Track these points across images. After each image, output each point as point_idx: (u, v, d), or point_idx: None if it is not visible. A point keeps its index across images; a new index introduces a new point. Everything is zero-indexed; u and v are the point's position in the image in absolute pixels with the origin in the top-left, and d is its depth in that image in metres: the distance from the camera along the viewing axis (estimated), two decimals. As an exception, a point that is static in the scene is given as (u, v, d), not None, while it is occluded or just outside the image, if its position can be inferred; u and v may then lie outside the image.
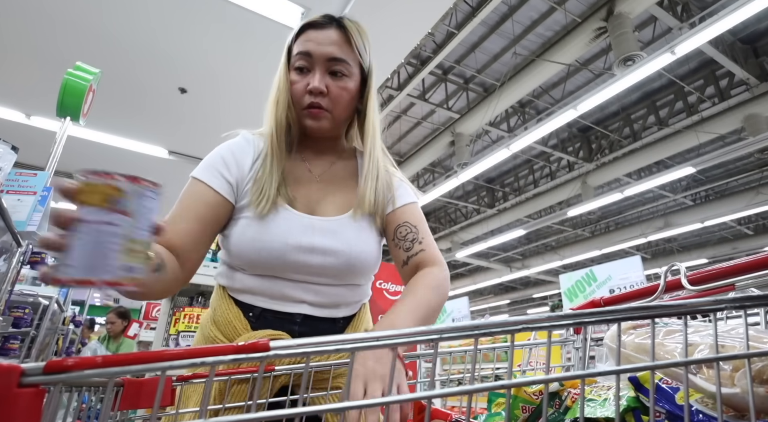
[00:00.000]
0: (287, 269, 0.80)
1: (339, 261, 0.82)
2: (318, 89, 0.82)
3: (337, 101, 0.85)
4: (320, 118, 0.85)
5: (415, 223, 0.88)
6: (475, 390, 0.31)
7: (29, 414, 0.21)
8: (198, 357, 0.26)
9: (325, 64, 0.84)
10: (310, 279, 0.82)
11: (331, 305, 0.84)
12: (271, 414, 0.29)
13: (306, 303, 0.82)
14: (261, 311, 0.81)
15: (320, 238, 0.81)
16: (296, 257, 0.80)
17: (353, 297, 0.88)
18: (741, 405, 0.35)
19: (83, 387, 0.36)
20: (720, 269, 0.59)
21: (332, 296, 0.84)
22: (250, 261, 0.80)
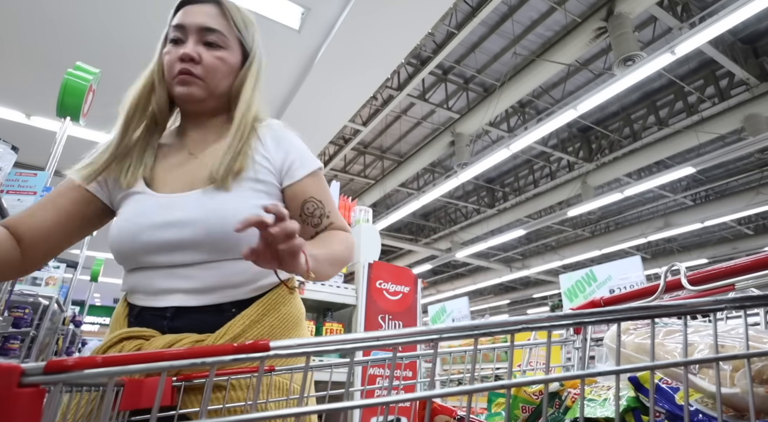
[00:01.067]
0: (145, 251, 0.75)
1: (196, 230, 0.74)
2: (188, 55, 0.81)
3: (210, 70, 0.83)
4: (189, 84, 0.82)
5: (320, 197, 0.85)
6: (475, 390, 0.31)
7: (29, 414, 0.21)
8: (198, 357, 0.26)
9: (198, 33, 0.83)
10: (175, 261, 0.75)
11: (208, 290, 0.75)
12: (272, 414, 0.29)
13: (180, 292, 0.74)
14: (140, 310, 0.77)
15: (177, 212, 0.76)
16: (149, 235, 0.75)
17: (239, 277, 0.76)
18: (741, 405, 0.35)
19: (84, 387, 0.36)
20: (720, 269, 0.59)
21: (207, 278, 0.75)
22: (114, 253, 0.79)
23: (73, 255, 5.22)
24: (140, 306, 0.77)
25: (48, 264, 3.79)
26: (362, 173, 10.25)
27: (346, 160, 10.03)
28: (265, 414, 0.29)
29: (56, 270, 3.85)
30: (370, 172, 10.27)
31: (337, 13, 3.26)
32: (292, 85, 3.95)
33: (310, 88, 3.81)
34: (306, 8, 3.23)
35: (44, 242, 0.78)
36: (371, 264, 2.36)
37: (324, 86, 3.82)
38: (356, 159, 10.09)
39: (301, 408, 0.29)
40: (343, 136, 8.75)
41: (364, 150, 9.76)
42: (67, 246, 0.83)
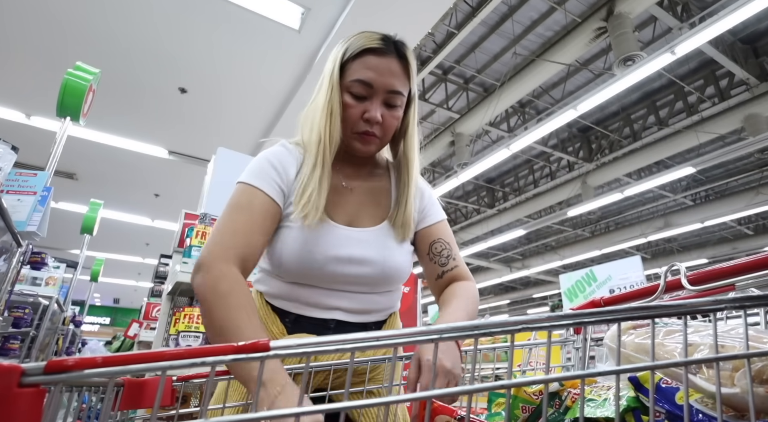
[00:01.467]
0: (326, 279, 0.83)
1: (374, 270, 0.84)
2: (377, 120, 0.84)
3: (388, 130, 0.88)
4: (371, 144, 0.88)
5: (448, 240, 0.93)
6: (475, 390, 0.31)
7: (30, 414, 0.21)
8: (198, 357, 0.26)
9: (384, 95, 0.85)
10: (345, 288, 0.84)
11: (363, 311, 0.87)
12: (272, 414, 0.29)
13: (340, 309, 0.84)
14: (296, 317, 0.83)
15: (357, 249, 0.84)
16: (335, 268, 0.82)
17: (384, 304, 0.90)
18: (741, 405, 0.35)
19: (84, 387, 0.36)
20: (720, 269, 0.59)
21: (365, 303, 0.86)
22: (292, 271, 0.82)
23: (73, 255, 5.22)
24: (296, 313, 0.83)
25: (48, 264, 3.79)
26: (362, 173, 10.24)
27: (346, 160, 10.02)
28: (265, 413, 0.29)
29: (56, 270, 3.85)
30: (370, 172, 10.25)
31: (337, 13, 3.26)
32: (292, 84, 3.94)
33: (310, 88, 3.81)
34: (306, 8, 3.23)
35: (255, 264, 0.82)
36: (371, 264, 2.36)
37: (324, 86, 3.81)
38: (356, 159, 10.07)
39: (301, 408, 0.29)
40: (343, 136, 8.74)
41: (364, 150, 9.76)
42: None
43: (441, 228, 0.95)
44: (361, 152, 0.89)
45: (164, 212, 8.06)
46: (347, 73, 0.86)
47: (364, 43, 0.85)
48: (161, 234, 8.96)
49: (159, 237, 9.26)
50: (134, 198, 7.47)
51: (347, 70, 0.86)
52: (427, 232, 0.94)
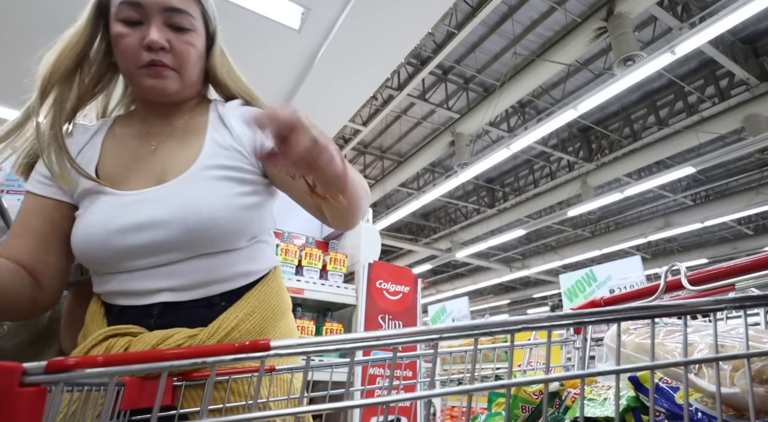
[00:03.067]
0: (121, 258, 0.69)
1: (173, 231, 0.68)
2: (158, 43, 0.69)
3: (183, 58, 0.73)
4: (165, 77, 0.72)
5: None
6: (475, 390, 0.31)
7: (31, 414, 0.21)
8: (199, 357, 0.26)
9: (161, 14, 0.71)
10: (156, 262, 0.70)
11: (196, 285, 0.71)
12: (271, 414, 0.29)
13: (165, 290, 0.70)
14: (120, 308, 0.71)
15: (146, 212, 0.69)
16: (122, 241, 0.68)
17: (226, 270, 0.72)
18: (740, 405, 0.35)
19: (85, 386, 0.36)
20: (720, 269, 0.59)
21: (192, 275, 0.70)
22: (84, 261, 0.73)
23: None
24: (120, 305, 0.72)
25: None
26: (362, 173, 10.25)
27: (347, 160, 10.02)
28: (265, 413, 0.29)
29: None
30: (370, 172, 10.27)
31: (337, 13, 3.26)
32: (291, 85, 3.94)
33: (310, 88, 3.81)
34: (306, 8, 3.23)
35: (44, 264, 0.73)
36: (371, 264, 2.36)
37: (324, 86, 3.82)
38: (356, 159, 10.09)
39: (301, 408, 0.29)
40: (344, 136, 8.75)
41: (364, 150, 9.77)
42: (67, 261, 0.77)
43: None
44: (156, 91, 0.73)
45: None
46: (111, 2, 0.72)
47: None
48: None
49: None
50: (134, 198, 7.47)
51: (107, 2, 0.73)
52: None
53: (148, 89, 0.74)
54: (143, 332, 0.68)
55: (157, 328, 0.69)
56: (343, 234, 2.59)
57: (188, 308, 0.71)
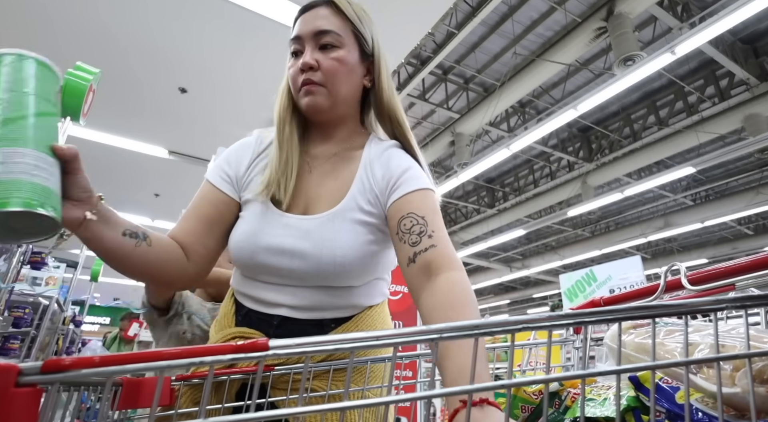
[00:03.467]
0: (259, 271, 0.77)
1: (308, 264, 0.74)
2: (307, 64, 0.78)
3: (331, 74, 0.79)
4: (314, 93, 0.79)
5: (422, 214, 0.70)
6: (475, 390, 0.31)
7: (27, 414, 0.21)
8: (196, 356, 0.26)
9: (313, 39, 0.79)
10: (285, 281, 0.76)
11: (312, 308, 0.77)
12: (272, 414, 0.29)
13: (285, 306, 0.76)
14: (247, 311, 0.79)
15: (291, 239, 0.75)
16: (265, 259, 0.75)
17: (343, 301, 0.78)
18: (741, 405, 0.35)
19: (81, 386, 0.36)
20: (720, 269, 0.59)
21: (312, 299, 0.76)
22: (236, 262, 0.80)
23: (73, 255, 5.22)
24: (248, 307, 0.79)
25: (48, 264, 3.79)
26: (362, 173, 10.24)
27: (346, 160, 10.02)
28: (265, 413, 0.29)
29: (56, 270, 3.85)
30: (370, 172, 10.25)
31: (337, 13, 3.26)
32: (292, 85, 3.94)
33: (310, 88, 3.81)
34: (306, 8, 3.23)
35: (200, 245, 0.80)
36: (371, 264, 2.36)
37: (324, 86, 3.81)
38: (356, 159, 10.08)
39: (301, 408, 0.29)
40: (343, 136, 8.75)
41: (364, 150, 9.76)
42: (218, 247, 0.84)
43: (415, 199, 0.72)
44: (309, 108, 0.80)
45: (164, 212, 8.05)
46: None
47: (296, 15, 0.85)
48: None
49: (159, 237, 9.26)
50: (134, 198, 7.47)
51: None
52: (397, 207, 0.73)
53: (305, 109, 0.81)
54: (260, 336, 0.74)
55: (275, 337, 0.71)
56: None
57: (302, 325, 0.76)
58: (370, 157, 0.82)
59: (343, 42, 0.80)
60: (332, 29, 0.80)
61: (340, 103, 0.82)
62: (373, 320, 0.81)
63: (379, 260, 0.80)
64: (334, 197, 0.79)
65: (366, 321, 0.79)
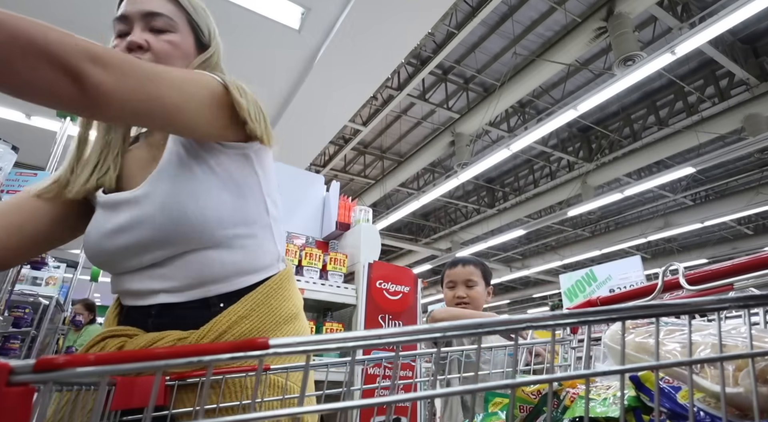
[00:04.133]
0: (116, 261, 0.72)
1: (150, 229, 0.68)
2: (135, 43, 0.74)
3: (162, 56, 0.75)
4: None
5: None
6: (477, 390, 0.30)
7: (18, 414, 0.20)
8: (194, 355, 0.25)
9: (142, 20, 0.76)
10: (144, 262, 0.70)
11: (191, 286, 0.70)
12: (271, 414, 0.29)
13: (162, 291, 0.70)
14: (128, 309, 0.74)
15: (125, 214, 0.70)
16: (109, 245, 0.71)
17: (219, 269, 0.71)
18: (744, 405, 0.35)
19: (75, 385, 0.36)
20: (719, 269, 0.59)
21: (185, 275, 0.70)
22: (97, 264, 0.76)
23: (74, 255, 5.22)
24: (128, 305, 0.74)
25: (48, 264, 3.79)
26: (362, 173, 10.25)
27: (347, 160, 10.03)
28: (265, 413, 0.28)
29: (56, 270, 3.85)
30: (370, 172, 10.26)
31: (337, 13, 3.25)
32: (292, 85, 3.94)
33: (310, 88, 3.81)
34: (306, 8, 3.23)
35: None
36: (371, 264, 2.36)
37: (324, 86, 3.81)
38: (356, 159, 10.08)
39: (301, 408, 0.29)
40: (343, 136, 8.75)
41: (364, 150, 9.76)
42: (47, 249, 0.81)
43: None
44: None
45: (164, 212, 8.06)
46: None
47: None
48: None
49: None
50: (134, 198, 7.48)
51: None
52: None
53: None
54: (139, 333, 0.69)
55: (155, 329, 0.69)
56: (343, 235, 2.59)
57: (184, 309, 0.70)
58: None
59: (176, 27, 0.78)
60: (164, 13, 0.77)
61: None
62: (268, 297, 0.73)
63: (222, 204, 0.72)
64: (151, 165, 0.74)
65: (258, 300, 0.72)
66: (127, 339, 0.69)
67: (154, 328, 0.70)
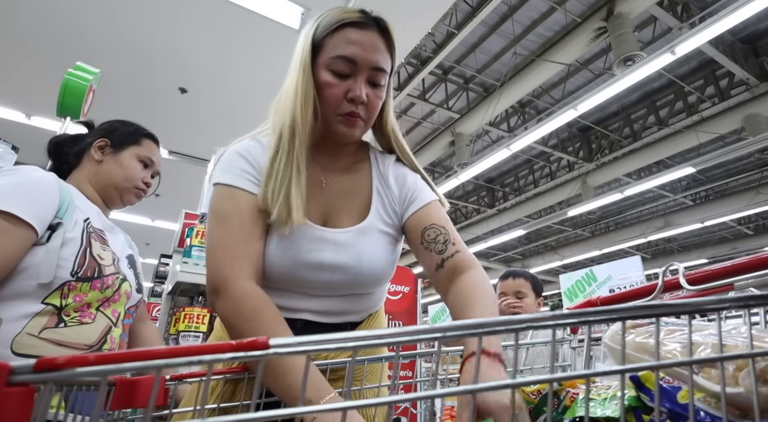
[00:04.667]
0: (297, 285, 0.76)
1: (347, 276, 0.76)
2: (361, 99, 0.76)
3: (372, 111, 0.80)
4: (356, 127, 0.79)
5: (442, 224, 0.81)
6: (478, 390, 0.30)
7: (18, 414, 0.20)
8: (195, 355, 0.25)
9: (368, 72, 0.77)
10: (316, 292, 0.77)
11: (334, 313, 0.79)
12: (272, 414, 0.29)
13: (307, 311, 0.77)
14: None
15: (330, 254, 0.76)
16: (305, 274, 0.75)
17: (360, 306, 0.82)
18: (744, 405, 0.35)
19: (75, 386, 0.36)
20: (719, 269, 0.59)
21: (337, 306, 0.79)
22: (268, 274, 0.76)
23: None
24: None
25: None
26: (362, 173, 10.25)
27: (346, 160, 10.03)
28: (265, 413, 0.28)
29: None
30: (370, 172, 10.26)
31: (336, 13, 3.26)
32: (291, 84, 3.94)
33: (310, 88, 3.81)
34: (306, 8, 3.23)
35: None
36: (371, 264, 2.36)
37: (324, 86, 3.81)
38: (356, 159, 10.08)
39: (301, 408, 0.29)
40: (343, 136, 8.75)
41: (364, 150, 9.76)
42: None
43: (432, 211, 0.82)
44: (345, 137, 0.80)
45: (164, 212, 8.05)
46: (324, 49, 0.77)
47: (342, 17, 0.77)
48: (161, 234, 8.95)
49: (159, 237, 9.26)
50: (134, 198, 7.47)
51: (324, 46, 0.77)
52: (417, 219, 0.81)
53: (340, 135, 0.80)
54: None
55: None
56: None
57: (324, 328, 0.79)
58: (380, 171, 0.87)
59: (386, 81, 0.81)
60: (386, 69, 0.79)
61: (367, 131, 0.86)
62: (380, 321, 0.88)
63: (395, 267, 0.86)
64: (358, 210, 0.82)
65: (375, 323, 0.86)
66: None
67: None
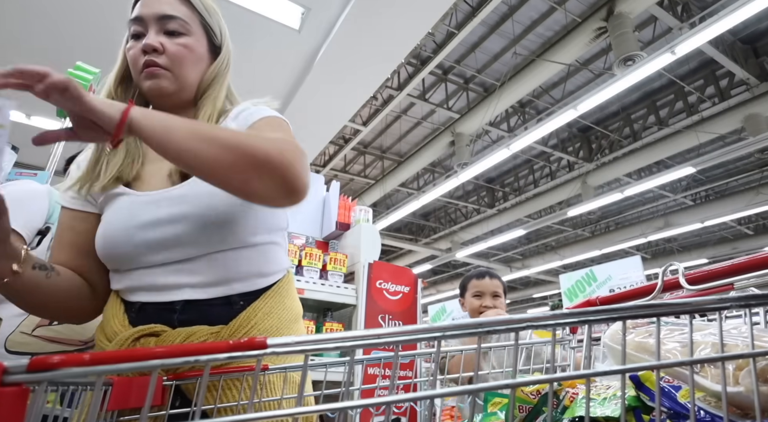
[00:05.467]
0: (141, 252, 0.72)
1: (190, 223, 0.71)
2: (150, 46, 0.76)
3: (177, 59, 0.78)
4: (157, 76, 0.77)
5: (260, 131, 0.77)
6: (477, 390, 0.30)
7: (12, 414, 0.20)
8: (192, 355, 0.25)
9: (157, 23, 0.78)
10: (174, 257, 0.72)
11: (216, 283, 0.73)
12: (270, 414, 0.28)
13: (187, 286, 0.72)
14: (141, 305, 0.73)
15: (165, 209, 0.73)
16: (142, 236, 0.72)
17: (245, 268, 0.75)
18: (745, 404, 0.35)
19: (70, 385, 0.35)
20: (719, 269, 0.58)
21: (213, 272, 0.73)
22: (106, 258, 0.76)
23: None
24: (141, 301, 0.73)
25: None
26: (362, 173, 10.25)
27: (346, 160, 10.03)
28: (264, 414, 0.28)
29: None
30: (370, 172, 10.26)
31: (337, 14, 3.25)
32: (291, 85, 3.94)
33: (310, 88, 3.80)
34: (306, 8, 3.23)
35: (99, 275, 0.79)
36: (371, 264, 2.36)
37: (324, 86, 3.81)
38: (356, 159, 10.08)
39: (302, 408, 0.29)
40: (343, 136, 8.75)
41: (364, 150, 9.76)
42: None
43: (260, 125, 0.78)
44: (152, 91, 0.78)
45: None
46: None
47: None
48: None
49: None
50: (134, 198, 7.48)
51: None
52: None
53: (147, 91, 0.79)
54: (167, 330, 0.69)
55: (180, 325, 0.70)
56: (343, 235, 2.59)
57: (208, 306, 0.72)
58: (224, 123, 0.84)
59: (190, 30, 0.80)
60: (179, 16, 0.79)
61: (186, 89, 0.82)
62: (282, 297, 0.78)
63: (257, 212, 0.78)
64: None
65: (275, 299, 0.77)
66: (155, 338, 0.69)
67: (180, 324, 0.70)
